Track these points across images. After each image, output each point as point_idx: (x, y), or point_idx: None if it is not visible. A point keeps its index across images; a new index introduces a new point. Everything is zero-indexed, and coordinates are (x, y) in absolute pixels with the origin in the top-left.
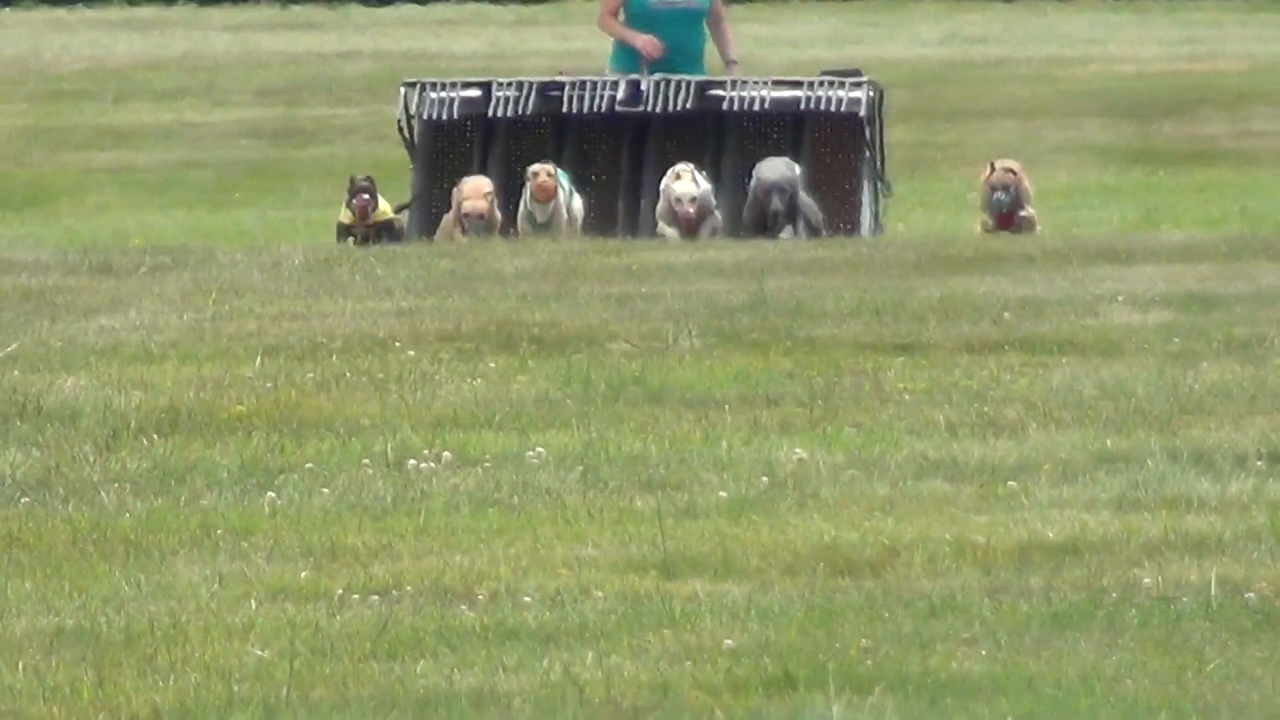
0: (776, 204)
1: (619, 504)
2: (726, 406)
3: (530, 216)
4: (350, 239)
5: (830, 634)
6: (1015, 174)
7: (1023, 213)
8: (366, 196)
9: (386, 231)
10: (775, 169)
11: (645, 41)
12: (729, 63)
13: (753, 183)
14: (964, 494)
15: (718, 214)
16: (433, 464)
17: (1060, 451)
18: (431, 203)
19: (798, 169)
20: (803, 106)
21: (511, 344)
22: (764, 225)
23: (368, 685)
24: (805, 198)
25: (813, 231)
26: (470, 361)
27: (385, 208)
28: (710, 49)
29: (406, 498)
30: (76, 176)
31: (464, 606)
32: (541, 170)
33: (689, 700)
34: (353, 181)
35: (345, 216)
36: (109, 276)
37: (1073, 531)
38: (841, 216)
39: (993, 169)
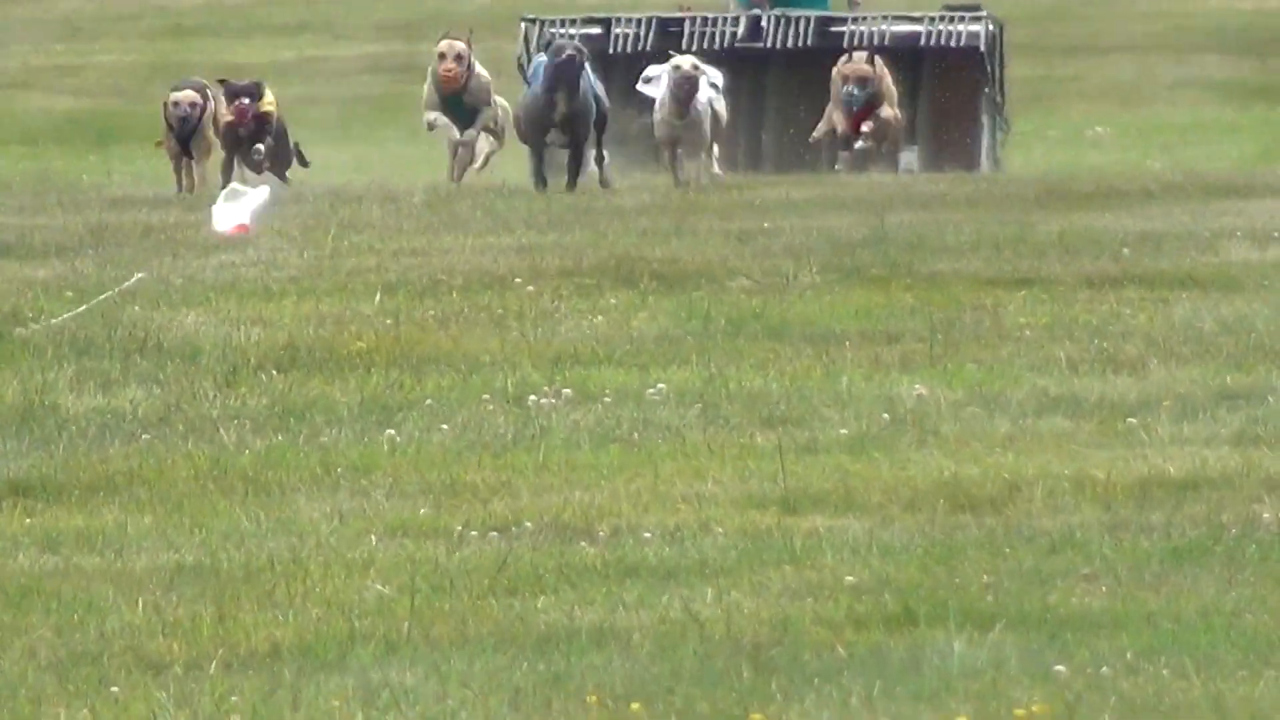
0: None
1: (739, 440)
2: (847, 342)
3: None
4: (236, 137)
5: (951, 570)
6: (873, 69)
7: (881, 113)
8: (246, 101)
9: (264, 124)
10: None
11: None
12: (853, 3)
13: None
14: (1084, 430)
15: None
16: (553, 400)
17: (1180, 387)
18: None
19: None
20: (922, 42)
21: (632, 280)
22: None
23: (487, 621)
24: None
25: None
26: (590, 298)
27: (269, 101)
28: None
29: (526, 434)
30: None
31: (584, 543)
32: (449, 51)
33: (810, 636)
34: (228, 85)
35: (227, 112)
36: None
37: (1193, 467)
38: (960, 151)
39: (849, 58)
